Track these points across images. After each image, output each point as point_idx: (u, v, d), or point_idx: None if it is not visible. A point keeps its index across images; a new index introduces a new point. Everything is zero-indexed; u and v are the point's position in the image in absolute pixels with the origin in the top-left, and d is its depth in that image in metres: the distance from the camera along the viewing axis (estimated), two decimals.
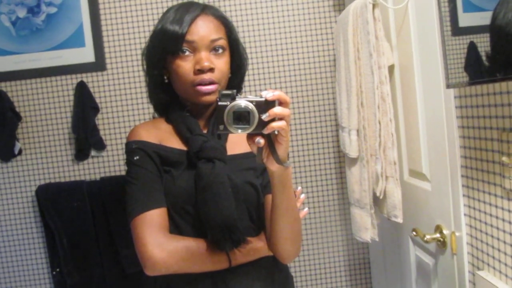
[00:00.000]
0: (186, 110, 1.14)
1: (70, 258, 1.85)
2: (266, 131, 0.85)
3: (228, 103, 0.85)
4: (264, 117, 0.84)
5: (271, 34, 1.92)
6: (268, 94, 0.84)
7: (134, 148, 1.11)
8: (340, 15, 1.66)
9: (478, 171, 1.04)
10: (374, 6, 1.34)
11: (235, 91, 0.87)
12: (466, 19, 0.92)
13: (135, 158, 1.09)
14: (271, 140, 0.87)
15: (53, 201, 1.86)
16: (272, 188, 0.99)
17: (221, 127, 0.85)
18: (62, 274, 1.87)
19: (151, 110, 1.88)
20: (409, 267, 1.50)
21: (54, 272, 1.90)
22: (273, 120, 0.84)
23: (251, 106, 0.84)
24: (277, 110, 0.84)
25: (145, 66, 1.18)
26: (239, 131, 0.85)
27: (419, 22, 1.26)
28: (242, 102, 0.85)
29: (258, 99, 0.85)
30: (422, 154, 1.31)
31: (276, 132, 0.85)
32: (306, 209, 1.22)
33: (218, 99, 0.85)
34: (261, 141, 0.86)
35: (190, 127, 1.11)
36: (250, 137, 0.87)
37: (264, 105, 0.84)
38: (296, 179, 1.96)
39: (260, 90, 1.69)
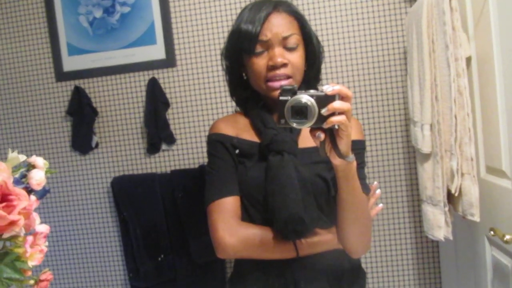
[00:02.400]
0: (261, 104, 1.18)
1: (143, 247, 1.94)
2: (325, 125, 0.86)
3: (289, 97, 0.87)
4: (324, 111, 0.85)
5: (338, 27, 1.89)
6: (328, 89, 0.85)
7: (213, 140, 1.18)
8: (411, 6, 1.62)
9: None
10: None
11: (296, 86, 0.89)
12: None
13: (213, 149, 1.17)
14: (333, 134, 0.88)
15: (127, 192, 1.95)
16: (337, 182, 1.00)
17: (282, 121, 0.88)
18: (136, 262, 1.96)
19: (219, 104, 1.95)
20: (485, 268, 1.43)
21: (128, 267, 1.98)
22: (333, 114, 0.85)
23: (310, 101, 0.86)
24: (336, 104, 0.85)
25: (224, 65, 1.23)
26: (295, 124, 0.87)
27: (500, 11, 1.19)
28: (301, 97, 0.86)
29: (319, 93, 0.87)
30: (502, 150, 1.25)
31: (336, 127, 0.86)
32: (380, 205, 1.21)
33: (279, 94, 0.88)
34: (321, 135, 0.88)
35: (264, 121, 1.14)
36: (312, 131, 0.89)
37: (325, 100, 0.85)
38: None
39: (328, 84, 1.69)
